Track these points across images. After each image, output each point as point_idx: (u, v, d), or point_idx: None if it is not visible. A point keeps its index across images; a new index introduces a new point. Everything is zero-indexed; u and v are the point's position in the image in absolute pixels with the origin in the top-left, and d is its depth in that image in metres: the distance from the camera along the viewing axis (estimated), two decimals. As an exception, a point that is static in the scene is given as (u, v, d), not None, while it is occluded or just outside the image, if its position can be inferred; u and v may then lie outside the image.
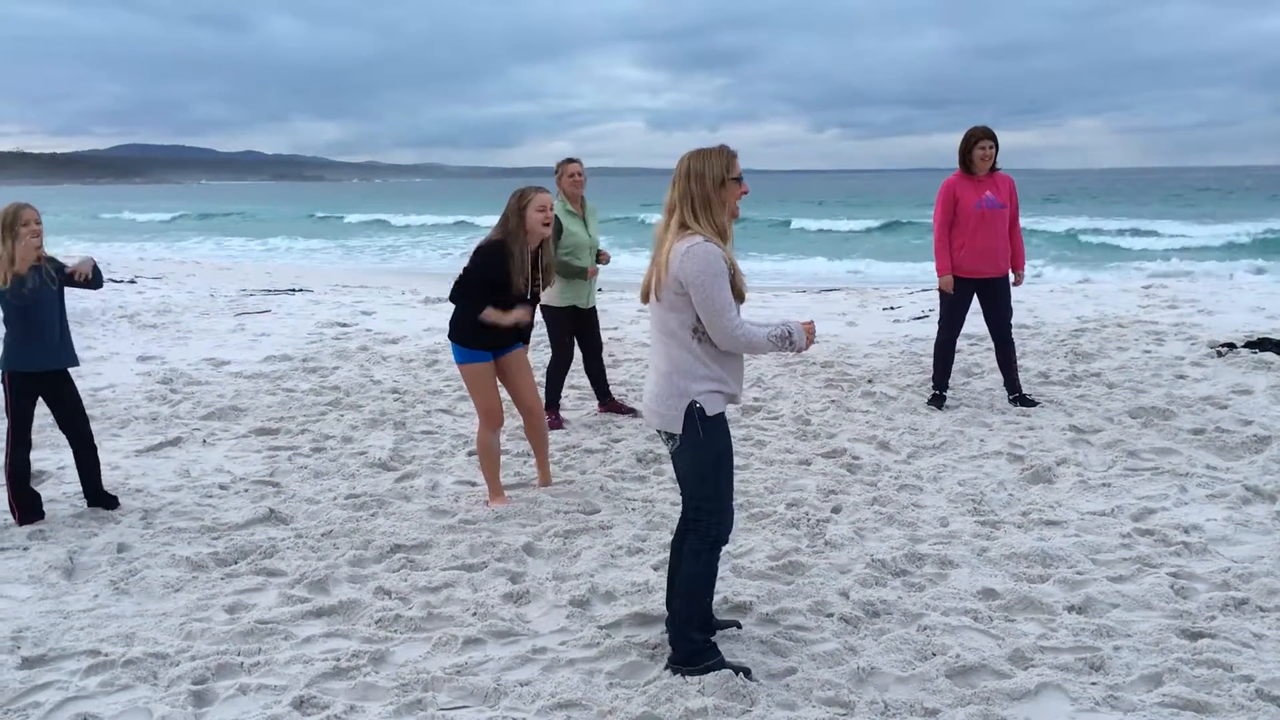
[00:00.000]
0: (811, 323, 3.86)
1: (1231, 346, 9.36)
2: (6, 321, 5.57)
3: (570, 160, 7.59)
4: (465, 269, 5.68)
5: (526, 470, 6.53)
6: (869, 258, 29.90)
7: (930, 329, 11.39)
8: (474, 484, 6.32)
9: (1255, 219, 39.94)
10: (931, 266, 7.91)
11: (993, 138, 7.46)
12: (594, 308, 7.72)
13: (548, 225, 5.67)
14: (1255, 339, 9.61)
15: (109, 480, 6.29)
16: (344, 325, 12.81)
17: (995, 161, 7.51)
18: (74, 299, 15.51)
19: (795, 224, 43.99)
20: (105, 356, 10.48)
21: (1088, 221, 41.51)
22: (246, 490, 6.23)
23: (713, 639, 3.89)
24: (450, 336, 5.80)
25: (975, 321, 11.50)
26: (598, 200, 8.27)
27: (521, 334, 5.93)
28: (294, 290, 17.61)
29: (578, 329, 7.66)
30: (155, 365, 10.06)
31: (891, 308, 13.59)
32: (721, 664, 3.80)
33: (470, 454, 6.95)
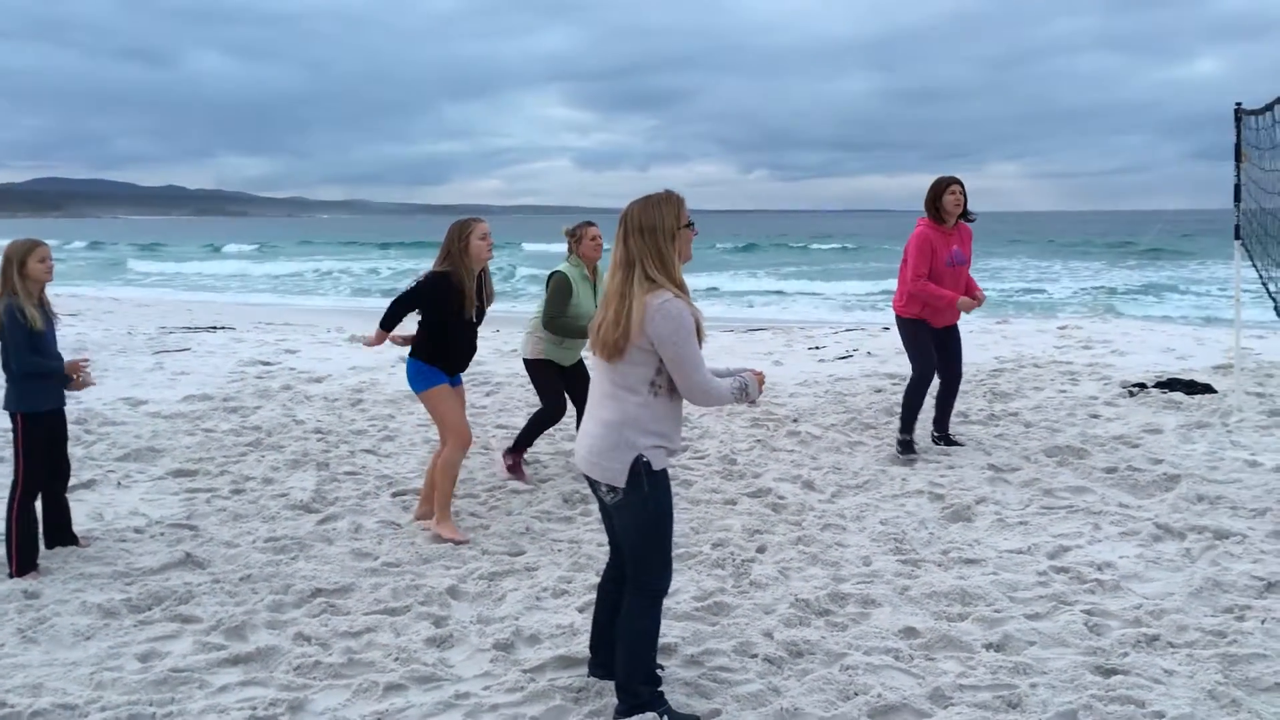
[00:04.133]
0: (762, 374, 3.90)
1: (1143, 386, 9.64)
2: (15, 364, 5.41)
3: (589, 223, 7.19)
4: (416, 288, 5.90)
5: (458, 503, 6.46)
6: None
7: (853, 369, 11.57)
8: (398, 525, 6.25)
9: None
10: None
11: (962, 185, 7.37)
12: (581, 361, 7.35)
13: (490, 251, 5.97)
14: (1165, 379, 9.91)
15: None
16: (267, 364, 12.61)
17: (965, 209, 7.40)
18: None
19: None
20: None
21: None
22: (162, 534, 6.09)
23: (660, 689, 3.87)
24: (413, 355, 6.02)
25: (900, 361, 11.70)
26: (526, 236, 8.29)
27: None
28: (215, 328, 17.31)
29: (568, 385, 7.24)
30: (69, 405, 9.76)
31: (816, 347, 13.76)
32: (670, 714, 3.78)
33: (395, 494, 6.87)
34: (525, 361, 7.25)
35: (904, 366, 11.37)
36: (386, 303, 6.24)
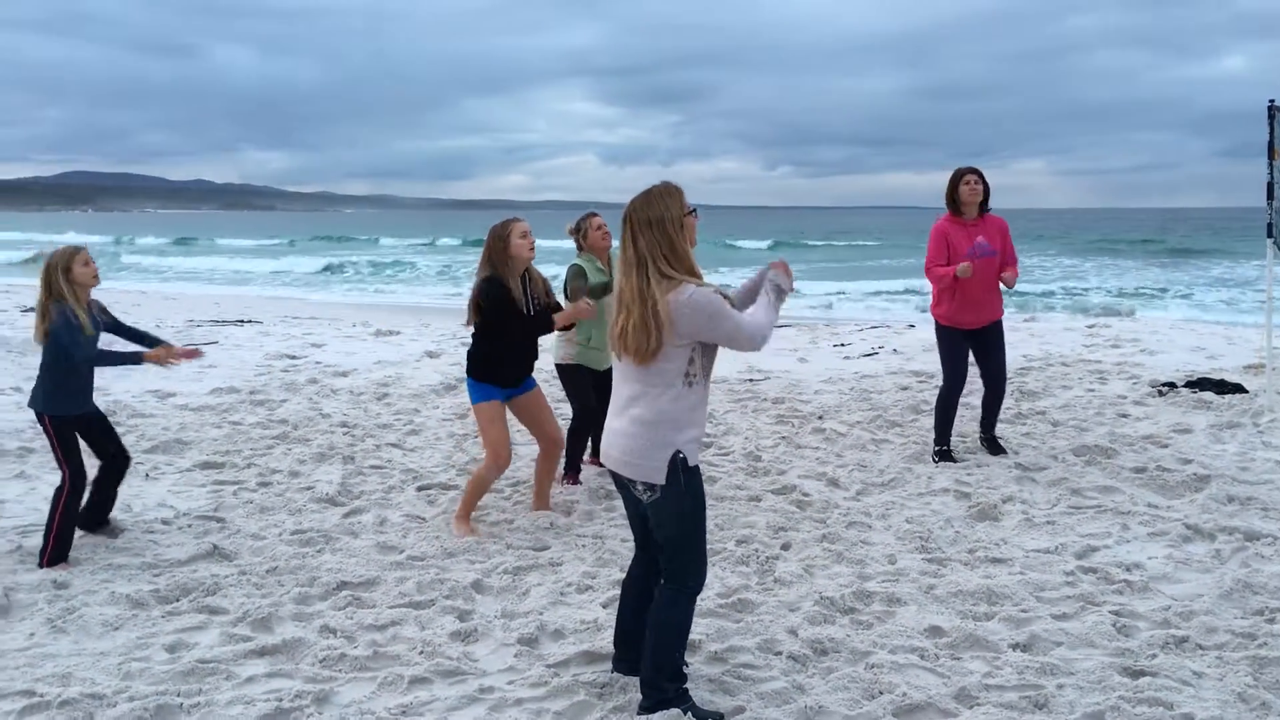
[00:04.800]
0: (781, 261, 3.89)
1: (1172, 386, 9.55)
2: (53, 366, 5.51)
3: (591, 214, 7.01)
4: (486, 311, 5.76)
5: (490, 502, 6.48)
6: None
7: (879, 366, 11.52)
8: (423, 519, 6.27)
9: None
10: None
11: (979, 174, 7.19)
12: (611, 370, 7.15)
13: (532, 249, 5.88)
14: (1195, 379, 9.81)
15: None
16: (293, 357, 12.68)
17: (985, 203, 7.22)
18: (17, 330, 15.24)
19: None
20: (46, 387, 10.27)
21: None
22: (190, 526, 6.13)
23: (685, 685, 3.84)
24: (468, 373, 5.98)
25: (926, 359, 11.65)
26: (554, 230, 8.19)
27: (530, 366, 6.09)
28: (242, 322, 17.42)
29: (598, 388, 6.89)
30: (98, 397, 9.79)
31: (842, 344, 13.72)
32: (694, 710, 3.75)
33: (420, 489, 6.89)
34: (557, 366, 7.04)
35: (929, 364, 11.32)
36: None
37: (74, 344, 5.40)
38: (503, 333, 5.83)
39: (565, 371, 7.02)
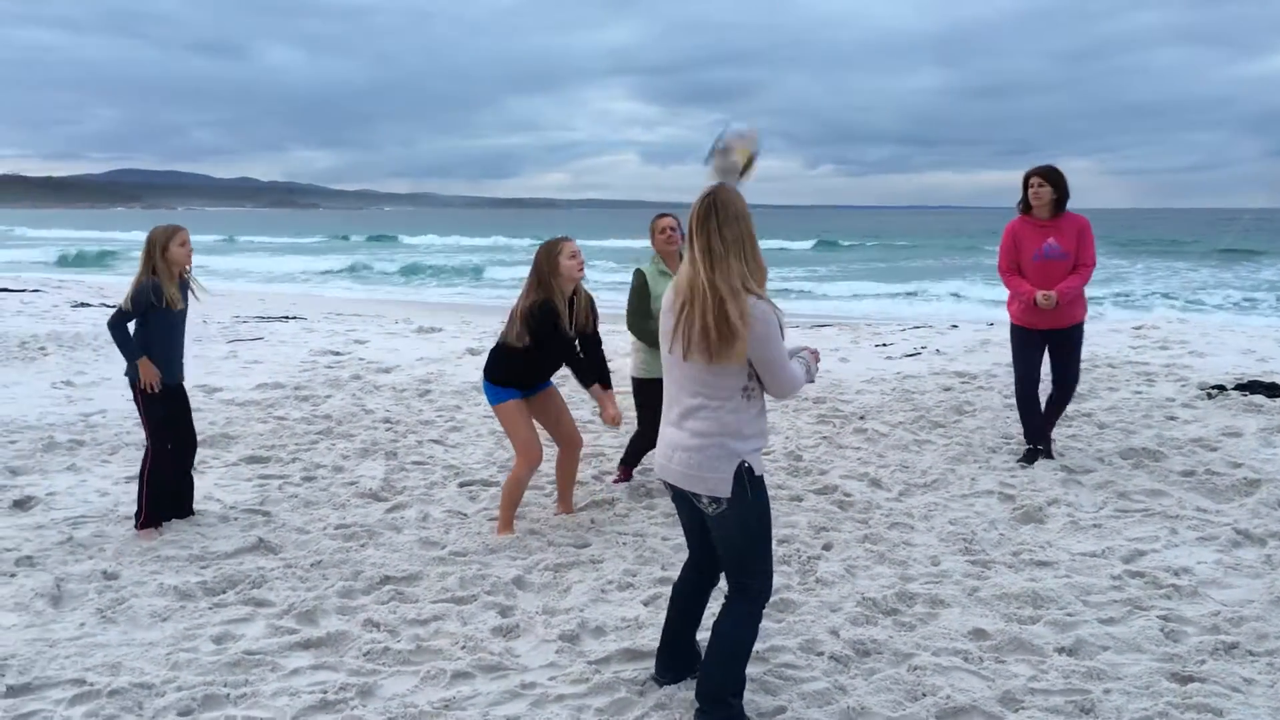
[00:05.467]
0: (817, 351, 3.87)
1: (1222, 389, 9.40)
2: (149, 335, 5.83)
3: (662, 215, 6.71)
4: (534, 330, 5.68)
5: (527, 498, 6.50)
6: None
7: (921, 367, 11.44)
8: (464, 515, 6.30)
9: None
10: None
11: (1045, 176, 6.89)
12: None
13: (581, 269, 5.82)
14: (1245, 381, 9.65)
15: (100, 506, 6.29)
16: (337, 353, 12.80)
17: (1061, 202, 6.93)
18: (68, 324, 15.50)
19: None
20: (96, 382, 10.45)
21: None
22: (236, 519, 6.21)
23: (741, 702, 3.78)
24: (485, 375, 5.97)
25: (969, 360, 11.55)
26: (594, 229, 8.20)
27: (547, 372, 6.02)
28: (287, 318, 17.61)
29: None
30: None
31: (884, 344, 13.63)
32: None
33: (462, 485, 6.93)
34: (633, 380, 6.70)
35: (972, 365, 11.25)
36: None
37: (117, 314, 5.79)
38: (542, 351, 5.80)
39: (642, 386, 6.64)
